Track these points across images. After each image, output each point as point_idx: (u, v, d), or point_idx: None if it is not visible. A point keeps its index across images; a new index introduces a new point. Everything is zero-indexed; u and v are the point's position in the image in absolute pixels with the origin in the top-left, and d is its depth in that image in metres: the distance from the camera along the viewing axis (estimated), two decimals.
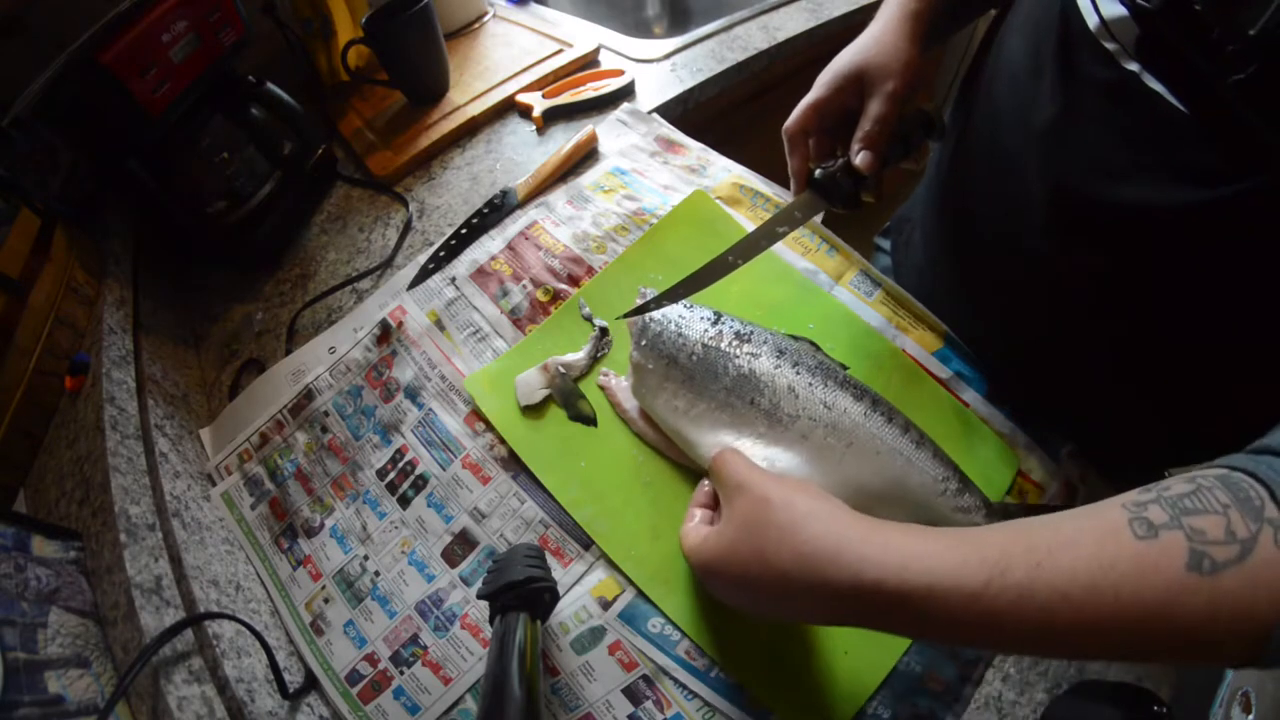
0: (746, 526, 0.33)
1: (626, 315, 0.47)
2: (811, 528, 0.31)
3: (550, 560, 0.45)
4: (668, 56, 0.82)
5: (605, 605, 0.44)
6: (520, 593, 0.39)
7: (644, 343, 0.48)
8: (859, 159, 0.45)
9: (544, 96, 0.76)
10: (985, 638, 0.27)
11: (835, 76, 0.48)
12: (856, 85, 0.47)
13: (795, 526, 0.31)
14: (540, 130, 0.75)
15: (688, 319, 0.48)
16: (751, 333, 0.47)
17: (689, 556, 0.37)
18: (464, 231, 0.64)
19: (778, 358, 0.46)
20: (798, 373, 0.45)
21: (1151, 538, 0.25)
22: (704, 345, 0.46)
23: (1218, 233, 0.37)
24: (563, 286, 0.58)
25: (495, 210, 0.65)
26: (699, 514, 0.40)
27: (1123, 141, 0.38)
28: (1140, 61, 0.36)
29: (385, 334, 0.58)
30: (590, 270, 0.58)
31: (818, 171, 0.47)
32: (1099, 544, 0.25)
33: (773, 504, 0.33)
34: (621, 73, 0.77)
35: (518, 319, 0.57)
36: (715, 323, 0.47)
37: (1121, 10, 0.36)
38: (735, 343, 0.46)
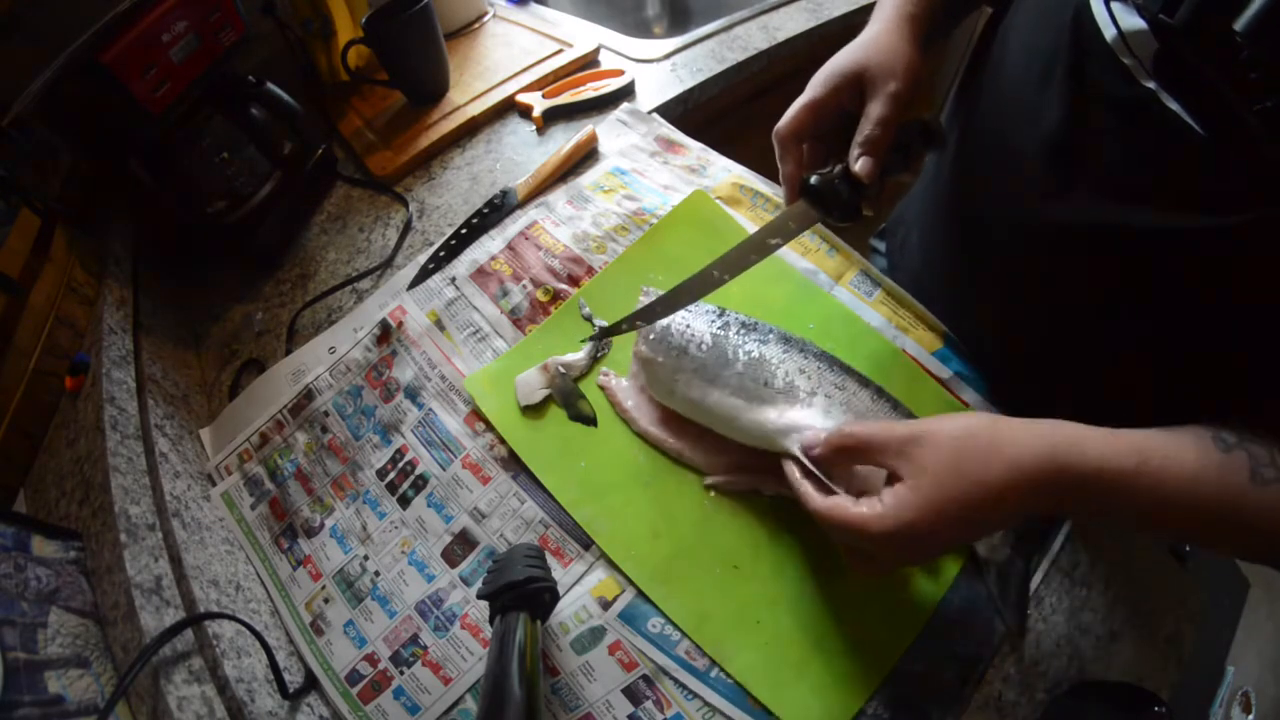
0: (949, 466, 0.34)
1: (599, 336, 0.51)
2: (1007, 439, 0.34)
3: (550, 560, 0.45)
4: (668, 56, 0.82)
5: (605, 605, 0.44)
6: (520, 593, 0.39)
7: (651, 336, 0.48)
8: (859, 165, 0.42)
9: (544, 96, 0.76)
10: (1128, 511, 0.34)
11: (832, 76, 0.45)
12: (855, 86, 0.44)
13: (995, 443, 0.34)
14: (540, 130, 0.75)
15: (694, 311, 0.49)
16: (756, 323, 0.49)
17: (880, 536, 0.34)
18: (464, 231, 0.64)
19: (785, 344, 0.47)
20: (806, 358, 0.46)
21: (1227, 451, 0.32)
22: (713, 335, 0.47)
23: (1230, 256, 0.36)
24: (563, 286, 0.58)
25: (495, 210, 0.65)
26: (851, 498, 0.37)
27: (1138, 160, 0.37)
28: (1158, 80, 0.35)
29: (385, 334, 0.58)
30: (590, 270, 0.58)
31: (814, 178, 0.44)
32: (1196, 450, 0.33)
33: (961, 435, 0.35)
34: (621, 73, 0.77)
35: (518, 319, 0.57)
36: (720, 315, 0.49)
37: (1141, 23, 0.35)
38: (743, 331, 0.48)
